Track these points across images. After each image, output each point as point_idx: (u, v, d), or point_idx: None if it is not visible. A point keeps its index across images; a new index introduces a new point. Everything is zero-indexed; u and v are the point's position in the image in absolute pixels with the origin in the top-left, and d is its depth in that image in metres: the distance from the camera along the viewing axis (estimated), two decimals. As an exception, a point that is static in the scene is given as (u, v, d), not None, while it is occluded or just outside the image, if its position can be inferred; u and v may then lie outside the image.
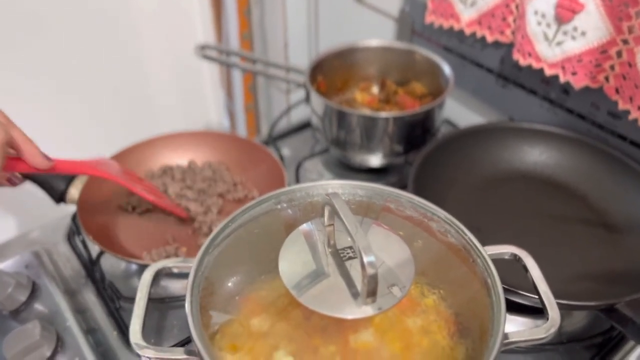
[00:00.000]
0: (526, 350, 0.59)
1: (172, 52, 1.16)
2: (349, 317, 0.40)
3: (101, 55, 1.07)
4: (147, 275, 0.46)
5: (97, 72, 1.08)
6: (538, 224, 0.68)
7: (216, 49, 0.86)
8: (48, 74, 1.00)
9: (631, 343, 0.60)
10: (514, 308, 0.59)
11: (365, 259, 0.38)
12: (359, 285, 0.42)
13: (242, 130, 1.41)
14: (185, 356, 0.42)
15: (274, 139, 0.88)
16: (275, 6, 1.17)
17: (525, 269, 0.49)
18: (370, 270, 0.38)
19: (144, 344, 0.42)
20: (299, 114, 1.02)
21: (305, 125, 0.96)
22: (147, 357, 0.42)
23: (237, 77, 1.34)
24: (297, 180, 0.80)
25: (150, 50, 1.14)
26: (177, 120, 1.24)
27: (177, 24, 1.15)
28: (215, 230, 0.49)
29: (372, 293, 0.39)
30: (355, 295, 0.41)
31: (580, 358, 0.59)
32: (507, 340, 0.43)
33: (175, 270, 0.49)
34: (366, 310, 0.40)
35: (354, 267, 0.43)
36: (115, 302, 0.63)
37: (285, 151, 0.88)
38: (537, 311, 0.60)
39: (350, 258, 0.44)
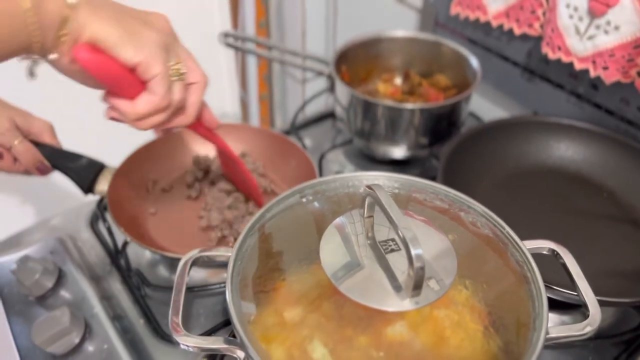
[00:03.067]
0: (555, 346, 0.59)
1: (189, 42, 1.16)
2: (391, 309, 0.40)
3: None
4: (184, 262, 0.46)
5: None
6: (564, 220, 0.68)
7: (239, 37, 0.85)
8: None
9: (659, 339, 0.60)
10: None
11: (413, 252, 0.38)
12: (400, 277, 0.42)
13: (255, 120, 1.40)
14: (225, 345, 0.42)
15: (295, 129, 0.88)
16: (294, -6, 1.17)
17: (563, 265, 0.48)
18: (417, 263, 0.38)
19: (183, 332, 0.42)
20: (315, 105, 1.02)
21: (324, 116, 0.95)
22: (186, 346, 0.42)
23: (252, 66, 1.33)
24: (320, 172, 0.79)
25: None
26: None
27: (194, 13, 1.14)
28: (251, 220, 0.48)
29: (418, 286, 0.39)
30: (396, 288, 0.41)
31: (608, 355, 0.59)
32: (548, 336, 0.42)
33: (214, 258, 0.48)
34: (408, 304, 0.40)
35: (395, 260, 0.43)
36: (142, 289, 0.63)
37: (306, 142, 0.88)
38: (565, 306, 0.60)
39: (392, 250, 0.43)
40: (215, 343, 0.42)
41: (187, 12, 1.14)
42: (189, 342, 0.41)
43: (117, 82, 0.46)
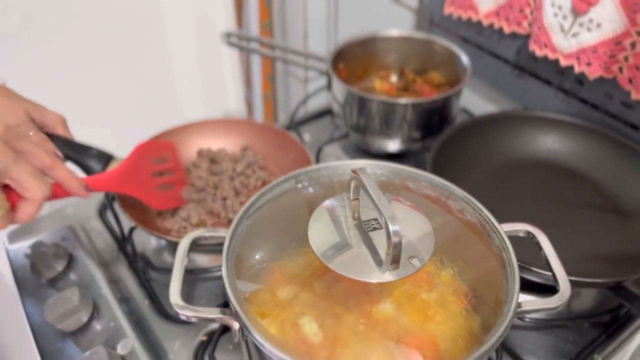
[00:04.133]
0: (537, 327, 0.62)
1: (196, 44, 1.20)
2: (373, 281, 0.43)
3: (128, 48, 1.11)
4: (184, 243, 0.50)
5: (123, 62, 1.11)
6: (551, 209, 0.71)
7: (241, 37, 0.89)
8: (78, 65, 1.04)
9: (637, 323, 0.63)
10: (527, 287, 0.61)
11: (391, 228, 0.41)
12: (382, 253, 0.45)
13: (259, 119, 1.44)
14: (220, 315, 0.45)
15: (295, 125, 0.92)
16: (297, -4, 1.21)
17: (538, 245, 0.51)
18: (395, 239, 0.41)
19: (182, 303, 0.45)
20: (316, 102, 1.06)
21: (323, 113, 0.99)
22: (185, 316, 0.45)
23: (256, 66, 1.37)
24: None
25: (175, 41, 1.17)
26: (198, 109, 1.28)
27: (201, 16, 1.19)
28: (246, 204, 0.52)
29: (396, 260, 0.43)
30: (378, 262, 0.44)
31: (588, 336, 0.62)
32: (520, 309, 0.45)
33: (209, 240, 0.52)
34: (388, 276, 0.43)
35: (377, 238, 0.46)
36: (147, 273, 0.67)
37: (306, 137, 0.91)
38: (549, 290, 0.63)
39: (374, 229, 0.47)
40: (212, 313, 0.45)
41: (193, 15, 1.18)
42: (187, 311, 0.45)
43: None
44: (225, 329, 0.61)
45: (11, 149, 0.52)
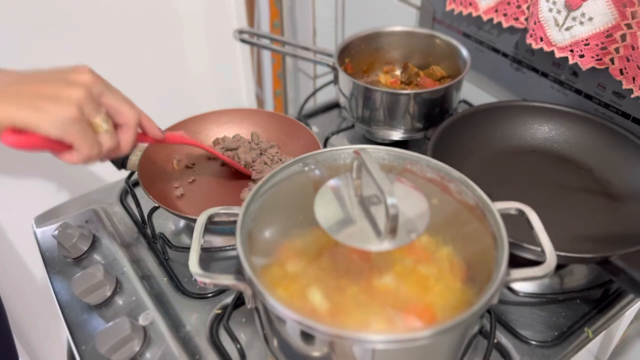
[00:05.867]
0: (531, 303, 0.66)
1: (209, 44, 1.25)
2: (373, 249, 0.48)
3: (141, 47, 1.16)
4: (202, 218, 0.54)
5: (136, 61, 1.16)
6: (546, 193, 0.74)
7: (254, 34, 0.94)
8: (90, 62, 1.08)
9: (627, 299, 0.67)
10: (519, 264, 0.65)
11: (389, 201, 0.46)
12: (382, 226, 0.49)
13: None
14: (234, 282, 0.50)
15: (304, 117, 0.96)
16: (305, -3, 1.25)
17: (528, 222, 0.55)
18: (392, 210, 0.46)
19: (201, 271, 0.50)
20: (324, 97, 1.10)
21: (330, 107, 1.04)
22: (203, 283, 0.50)
23: (267, 64, 1.42)
24: (325, 153, 0.87)
25: (189, 43, 1.22)
26: (212, 106, 1.33)
27: (214, 17, 1.23)
28: (258, 184, 0.56)
29: (393, 229, 0.47)
30: (378, 233, 0.49)
31: (580, 311, 0.65)
32: (509, 277, 0.49)
33: (223, 216, 0.56)
34: (387, 245, 0.48)
35: (378, 212, 0.51)
36: (165, 253, 0.72)
37: (313, 128, 0.96)
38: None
39: (374, 204, 0.51)
40: (227, 280, 0.50)
41: (206, 17, 1.23)
42: (205, 278, 0.49)
43: (49, 147, 0.51)
44: (237, 304, 0.65)
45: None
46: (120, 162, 0.73)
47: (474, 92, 0.99)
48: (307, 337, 0.48)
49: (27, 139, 0.48)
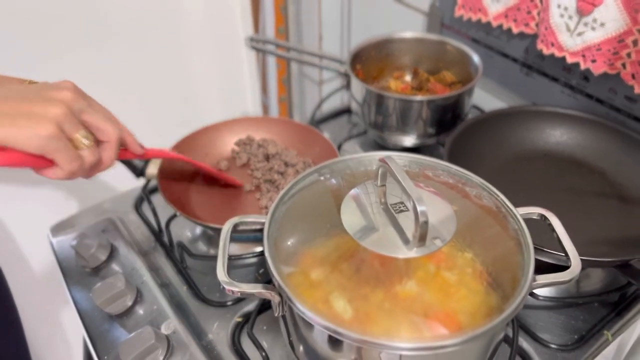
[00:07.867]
0: (550, 307, 0.67)
1: (214, 50, 1.25)
2: (401, 257, 0.48)
3: (147, 53, 1.16)
4: (227, 227, 0.54)
5: (142, 68, 1.17)
6: (559, 197, 0.75)
7: (264, 41, 0.94)
8: (96, 71, 1.08)
9: (644, 301, 0.68)
10: (540, 270, 0.65)
11: (419, 208, 0.46)
12: (409, 233, 0.50)
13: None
14: (261, 290, 0.50)
15: (315, 123, 0.96)
16: (312, 2, 1.26)
17: (551, 227, 0.56)
18: (422, 218, 0.46)
19: (228, 279, 0.50)
20: (329, 104, 1.11)
21: (340, 112, 1.04)
22: (231, 291, 0.50)
23: (272, 70, 1.42)
24: (338, 160, 0.88)
25: (194, 49, 1.23)
26: (216, 113, 1.33)
27: (219, 23, 1.24)
28: (281, 192, 0.57)
29: (423, 237, 0.47)
30: (405, 241, 0.49)
31: (598, 314, 0.66)
32: (535, 282, 0.50)
33: (247, 225, 0.56)
34: (415, 253, 0.48)
35: (404, 219, 0.51)
36: (184, 261, 0.72)
37: (325, 135, 0.96)
38: (561, 271, 0.67)
39: (401, 211, 0.51)
40: (254, 288, 0.50)
41: (212, 23, 1.24)
42: (233, 287, 0.50)
43: (31, 164, 0.51)
44: (260, 311, 0.65)
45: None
46: (139, 170, 0.74)
47: (483, 97, 1.00)
48: (335, 343, 0.48)
49: (8, 156, 0.49)
